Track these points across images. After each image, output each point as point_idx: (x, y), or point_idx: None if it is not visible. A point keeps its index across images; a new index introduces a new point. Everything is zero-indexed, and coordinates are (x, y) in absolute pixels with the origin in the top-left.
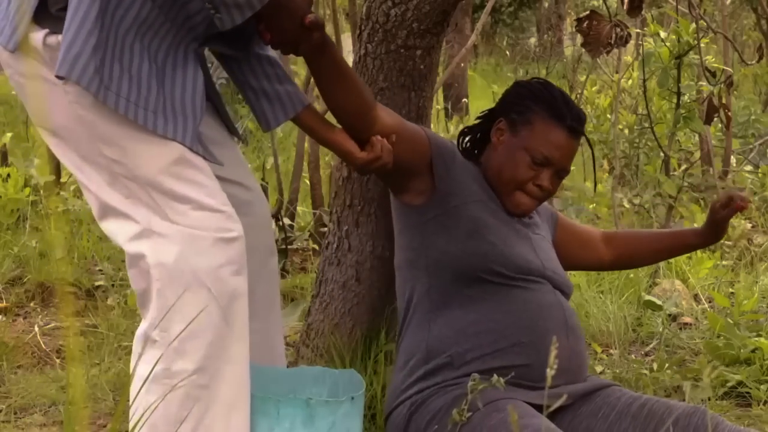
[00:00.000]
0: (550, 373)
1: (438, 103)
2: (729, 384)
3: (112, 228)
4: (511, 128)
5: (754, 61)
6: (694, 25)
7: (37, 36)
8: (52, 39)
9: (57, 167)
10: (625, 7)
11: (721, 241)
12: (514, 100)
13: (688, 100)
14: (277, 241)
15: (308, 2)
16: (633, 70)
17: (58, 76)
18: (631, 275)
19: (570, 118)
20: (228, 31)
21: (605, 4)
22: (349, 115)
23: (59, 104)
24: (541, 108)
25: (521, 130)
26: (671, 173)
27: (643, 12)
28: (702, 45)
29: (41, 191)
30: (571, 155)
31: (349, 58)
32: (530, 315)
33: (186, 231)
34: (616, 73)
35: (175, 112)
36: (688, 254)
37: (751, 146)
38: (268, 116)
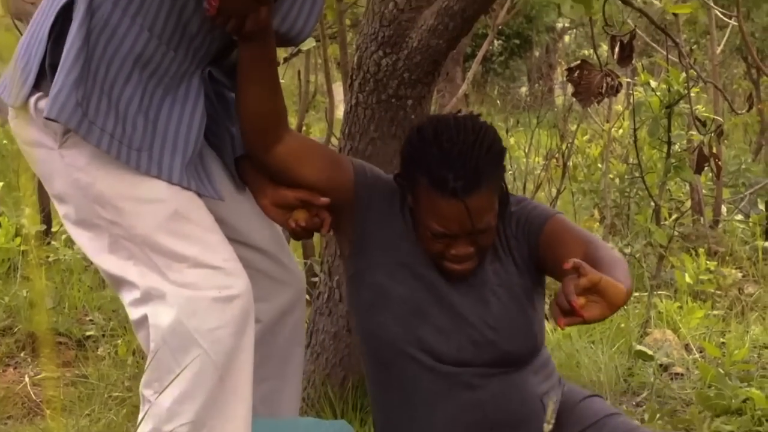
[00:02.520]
0: None
1: None
2: None
3: (120, 294)
4: (410, 196)
5: (744, 111)
6: (684, 74)
7: (32, 100)
8: (43, 103)
9: (47, 217)
10: (615, 57)
11: (712, 291)
12: (402, 165)
13: (679, 150)
14: None
15: None
16: (624, 119)
17: (47, 118)
18: (622, 325)
19: (453, 180)
20: (228, 60)
21: (596, 53)
22: (260, 120)
23: (57, 169)
24: (421, 176)
25: (413, 201)
26: (662, 223)
27: (633, 61)
28: (692, 94)
29: (32, 241)
30: (476, 214)
31: (340, 108)
32: (427, 418)
33: (183, 292)
34: (607, 122)
35: (163, 149)
36: (679, 303)
37: (741, 195)
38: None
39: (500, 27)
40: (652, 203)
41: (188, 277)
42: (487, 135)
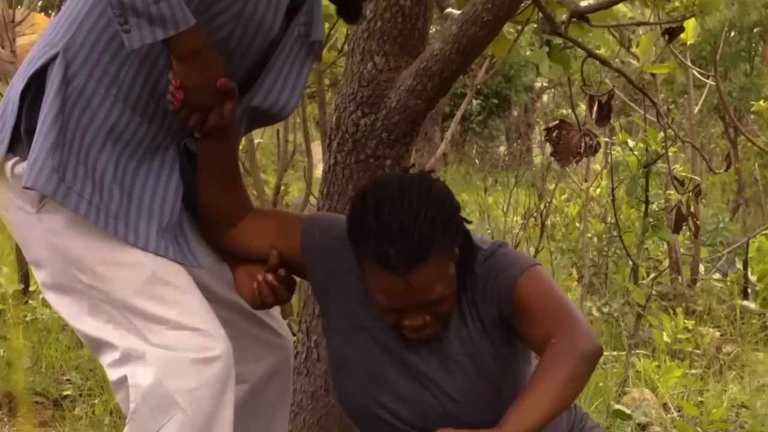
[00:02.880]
0: None
1: None
2: None
3: (99, 356)
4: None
5: (722, 170)
6: (662, 133)
7: (8, 165)
8: (20, 168)
9: (25, 276)
10: (593, 117)
11: (691, 350)
12: (347, 233)
13: (657, 209)
14: None
15: (225, 67)
16: (602, 178)
17: (25, 187)
18: (600, 384)
19: (395, 256)
20: None
21: (574, 113)
22: (211, 212)
23: (34, 234)
24: (363, 250)
25: (361, 270)
26: (640, 282)
27: (611, 121)
28: (670, 154)
29: (9, 300)
30: (423, 288)
31: (319, 168)
32: None
33: (162, 353)
34: (585, 181)
35: (139, 217)
36: (657, 362)
37: (719, 254)
38: None
39: (479, 86)
40: (630, 262)
41: (168, 339)
42: (434, 200)
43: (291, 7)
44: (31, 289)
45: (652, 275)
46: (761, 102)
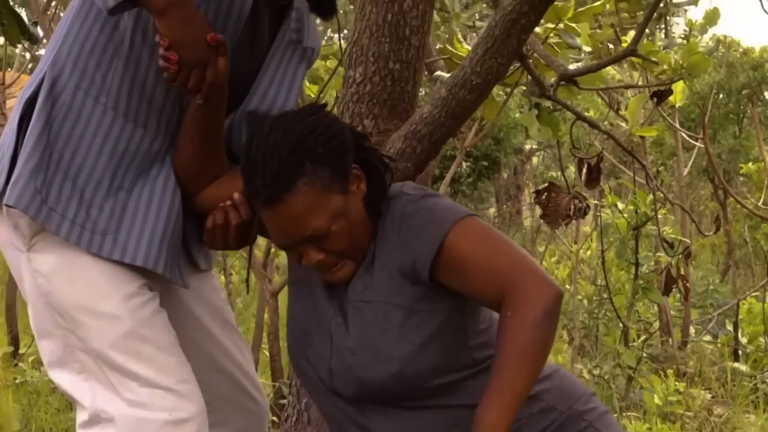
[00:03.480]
0: None
1: None
2: None
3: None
4: None
5: (711, 232)
6: (651, 196)
7: (4, 199)
8: None
9: (15, 338)
10: (583, 179)
11: (682, 412)
12: None
13: (647, 271)
14: None
15: (208, 24)
16: (591, 240)
17: (6, 205)
18: None
19: (261, 188)
20: None
21: (563, 175)
22: (184, 171)
23: (24, 271)
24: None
25: None
26: (630, 344)
27: (600, 183)
28: (659, 216)
29: None
30: (296, 221)
31: None
32: None
33: (132, 413)
34: (575, 243)
35: (131, 230)
36: (649, 425)
37: (709, 316)
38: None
39: (468, 149)
40: (621, 324)
41: (140, 396)
42: (302, 130)
43: (278, 13)
44: (20, 351)
45: (643, 337)
46: (750, 164)
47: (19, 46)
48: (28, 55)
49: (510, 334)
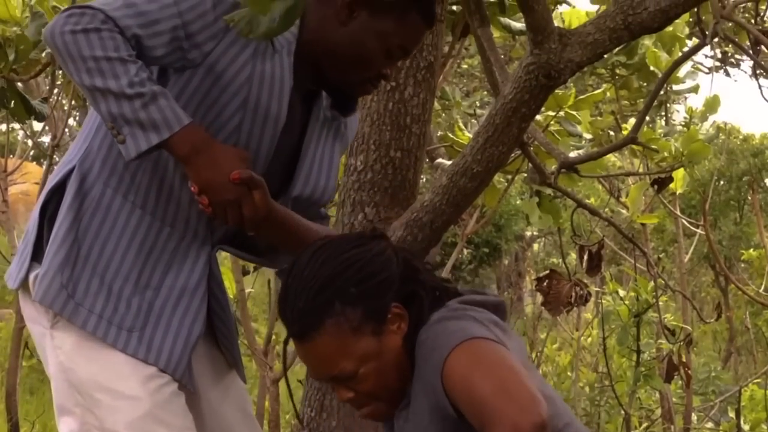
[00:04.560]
0: None
1: None
2: None
3: None
4: None
5: (713, 319)
6: (652, 283)
7: (31, 277)
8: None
9: (15, 426)
10: (584, 266)
11: None
12: None
13: (648, 358)
14: None
15: (241, 158)
16: (593, 327)
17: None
18: None
19: (289, 323)
20: (238, 233)
21: (564, 262)
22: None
23: (47, 348)
24: None
25: None
26: (632, 431)
27: (601, 270)
28: (661, 303)
29: None
30: (323, 361)
31: None
32: None
33: None
34: (576, 330)
35: (156, 329)
36: None
37: (711, 403)
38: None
39: (469, 236)
40: (623, 412)
41: None
42: (336, 266)
43: (309, 95)
44: None
45: (645, 425)
46: (751, 250)
47: (21, 132)
48: (30, 142)
49: None
